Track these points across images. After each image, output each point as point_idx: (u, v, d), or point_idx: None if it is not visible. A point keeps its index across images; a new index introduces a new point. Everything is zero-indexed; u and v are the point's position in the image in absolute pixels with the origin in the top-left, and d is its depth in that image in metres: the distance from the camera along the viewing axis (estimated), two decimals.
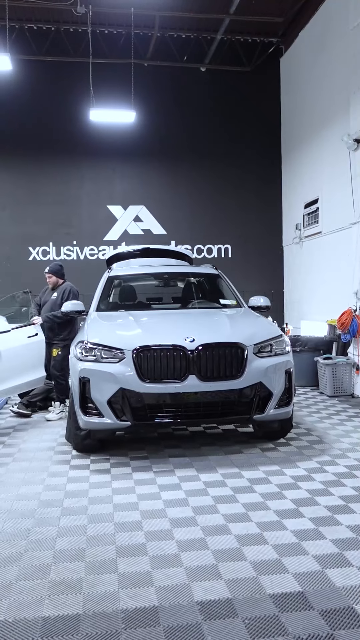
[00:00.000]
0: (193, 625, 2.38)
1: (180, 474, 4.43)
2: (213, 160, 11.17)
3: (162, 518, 3.56)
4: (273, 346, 4.96)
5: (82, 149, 10.73)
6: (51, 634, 2.34)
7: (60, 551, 3.12)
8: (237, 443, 5.33)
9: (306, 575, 2.78)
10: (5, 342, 5.98)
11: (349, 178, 8.09)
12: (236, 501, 3.82)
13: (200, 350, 4.65)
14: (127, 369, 4.63)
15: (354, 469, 4.47)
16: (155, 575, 2.82)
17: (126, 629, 2.37)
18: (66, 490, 4.14)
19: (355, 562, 2.90)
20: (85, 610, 2.51)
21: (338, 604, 2.52)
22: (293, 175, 10.81)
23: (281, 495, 3.93)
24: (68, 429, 5.31)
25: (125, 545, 3.17)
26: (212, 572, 2.84)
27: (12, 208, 10.75)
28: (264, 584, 2.70)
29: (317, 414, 6.61)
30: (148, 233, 11.14)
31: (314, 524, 3.41)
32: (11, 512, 3.71)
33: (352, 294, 7.94)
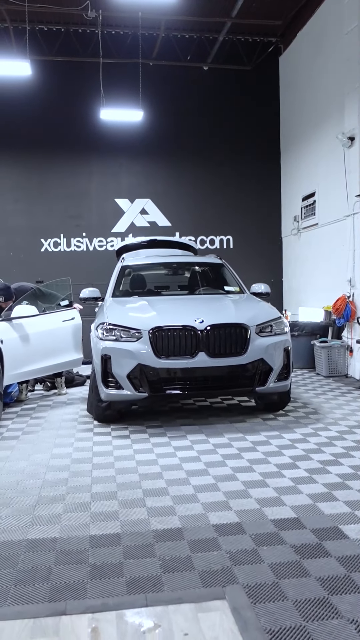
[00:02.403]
0: (210, 539, 3.00)
1: (192, 438, 5.05)
2: (215, 155, 11.72)
3: (179, 470, 4.18)
4: (273, 327, 5.57)
5: (90, 146, 11.28)
6: (99, 545, 2.96)
7: (95, 493, 3.74)
8: (241, 414, 5.95)
9: (301, 507, 3.41)
10: (35, 325, 6.57)
11: (343, 173, 8.66)
12: (241, 458, 4.44)
13: (208, 330, 5.27)
14: (144, 347, 5.25)
15: (344, 434, 5.09)
16: (177, 508, 3.44)
17: (157, 542, 2.99)
18: (93, 451, 4.76)
19: (341, 498, 3.53)
20: (123, 531, 3.13)
21: (325, 524, 3.14)
22: (291, 170, 11.38)
23: (280, 453, 4.55)
24: (89, 402, 5.94)
25: (150, 489, 3.79)
26: (223, 506, 3.46)
27: (25, 201, 11.32)
28: (266, 513, 3.33)
29: (313, 391, 7.24)
30: (154, 225, 11.72)
31: (308, 473, 4.04)
32: (50, 467, 4.33)
33: (346, 281, 8.54)
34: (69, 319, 7.19)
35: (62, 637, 2.19)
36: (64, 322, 7.11)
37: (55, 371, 7.15)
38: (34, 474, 4.17)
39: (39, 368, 6.70)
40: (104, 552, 2.88)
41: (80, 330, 7.30)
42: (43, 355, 6.70)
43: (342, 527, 3.10)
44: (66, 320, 7.15)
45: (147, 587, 2.54)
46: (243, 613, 2.31)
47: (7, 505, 3.56)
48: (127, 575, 2.64)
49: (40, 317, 6.83)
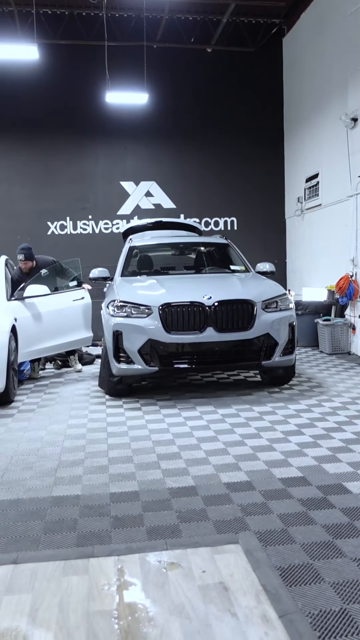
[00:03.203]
0: (222, 495, 3.22)
1: (201, 409, 5.27)
2: (219, 137, 11.82)
3: (190, 437, 4.40)
4: (278, 303, 5.76)
5: (96, 129, 11.38)
6: (119, 500, 3.18)
7: (112, 458, 3.96)
8: (247, 388, 6.16)
9: (306, 467, 3.63)
10: (47, 304, 6.77)
11: (346, 154, 8.78)
12: (249, 426, 4.66)
13: (216, 306, 5.46)
14: (154, 323, 5.45)
15: (347, 404, 5.30)
16: (190, 470, 3.66)
17: (173, 497, 3.21)
18: (107, 421, 4.99)
19: (344, 460, 3.75)
20: (141, 489, 3.35)
21: (330, 482, 3.36)
22: (295, 151, 11.49)
23: (286, 422, 4.76)
24: (101, 377, 6.16)
25: (164, 453, 4.02)
26: (233, 467, 3.68)
27: (31, 185, 11.45)
28: (274, 473, 3.55)
29: (316, 367, 7.45)
30: (159, 207, 11.85)
31: (313, 439, 4.25)
32: (67, 435, 4.55)
33: (349, 261, 8.70)
34: (79, 299, 7.39)
35: (91, 575, 2.41)
36: (74, 301, 7.31)
37: (66, 349, 7.36)
38: (52, 442, 4.39)
39: (50, 346, 6.91)
40: (124, 506, 3.11)
41: (90, 310, 7.50)
42: (54, 333, 6.91)
43: (346, 484, 3.31)
44: (76, 300, 7.35)
45: (166, 534, 2.76)
46: (255, 554, 2.53)
47: (30, 468, 3.79)
48: (147, 525, 2.87)
49: (52, 296, 7.03)
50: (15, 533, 2.82)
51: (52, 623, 2.08)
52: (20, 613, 2.15)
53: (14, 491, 3.38)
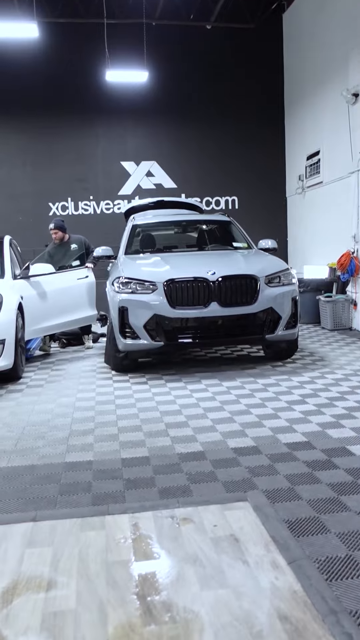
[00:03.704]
0: (230, 459, 3.33)
1: (206, 382, 5.38)
2: (220, 115, 11.79)
3: (197, 408, 4.51)
4: (281, 278, 5.84)
5: (96, 108, 11.35)
6: (130, 465, 3.30)
7: (122, 427, 4.07)
8: (251, 362, 6.26)
9: (311, 433, 3.74)
10: (52, 283, 6.86)
11: (347, 130, 8.79)
12: (254, 397, 4.77)
13: (220, 281, 5.54)
14: (159, 298, 5.53)
15: (349, 376, 5.41)
16: (198, 437, 3.77)
17: (182, 462, 3.32)
18: (115, 394, 5.10)
19: (347, 425, 3.86)
20: (151, 455, 3.46)
21: (334, 445, 3.47)
22: (295, 129, 11.47)
23: (290, 392, 4.87)
24: (107, 353, 6.26)
25: (171, 422, 4.13)
26: (240, 434, 3.79)
27: (32, 166, 11.46)
28: (280, 439, 3.66)
29: (319, 342, 7.55)
30: (159, 187, 11.87)
31: (317, 407, 4.36)
32: (76, 408, 4.66)
33: (350, 237, 8.76)
34: (83, 277, 7.47)
35: (108, 530, 2.53)
36: (78, 280, 7.39)
37: (71, 327, 7.47)
38: (63, 413, 4.50)
39: (56, 324, 7.01)
40: (135, 470, 3.22)
41: (94, 288, 7.58)
42: (60, 311, 7.01)
43: (349, 447, 3.43)
44: (80, 279, 7.43)
45: (177, 494, 2.87)
46: (264, 509, 2.65)
47: (42, 437, 3.90)
48: (158, 486, 2.98)
49: (56, 275, 7.11)
50: (32, 495, 2.94)
51: (74, 571, 2.20)
52: (42, 563, 2.26)
53: (28, 458, 3.49)
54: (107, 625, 1.86)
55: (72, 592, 2.06)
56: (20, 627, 1.87)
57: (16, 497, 2.92)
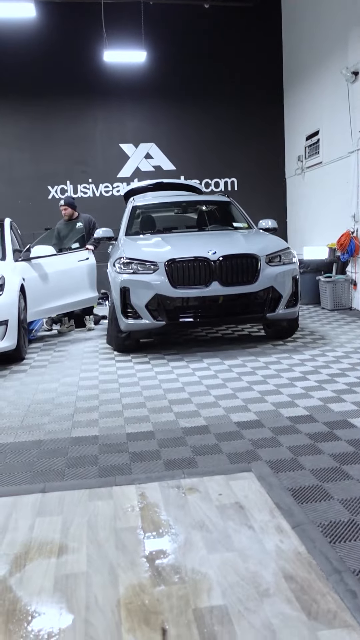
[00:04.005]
0: (234, 432, 3.39)
1: (208, 361, 5.43)
2: (219, 96, 11.72)
3: (199, 385, 4.56)
4: (282, 257, 5.87)
5: (94, 90, 11.27)
6: (135, 439, 3.35)
7: (126, 404, 4.12)
8: (252, 342, 6.31)
9: (313, 407, 3.79)
10: (53, 265, 6.88)
11: (347, 109, 8.75)
12: (256, 374, 4.82)
13: (221, 261, 5.57)
14: (160, 278, 5.56)
15: (350, 353, 5.45)
16: (201, 412, 3.82)
17: (187, 435, 3.38)
18: (118, 373, 5.15)
19: (349, 400, 3.91)
20: (156, 429, 3.52)
21: (335, 418, 3.53)
22: (295, 109, 11.41)
23: (291, 370, 4.92)
24: (109, 334, 6.30)
25: (175, 399, 4.18)
26: (243, 409, 3.85)
27: (30, 149, 11.41)
28: (282, 413, 3.71)
29: (319, 322, 7.59)
30: (158, 169, 11.83)
31: (318, 383, 4.41)
32: (80, 386, 4.71)
33: (350, 217, 8.76)
34: (84, 259, 7.49)
35: (115, 500, 2.58)
36: (79, 262, 7.41)
37: (72, 309, 7.50)
38: (67, 392, 4.55)
39: (58, 305, 7.05)
40: (141, 443, 3.28)
41: (94, 270, 7.60)
42: (61, 293, 7.03)
43: (351, 420, 3.48)
44: (81, 260, 7.44)
45: (182, 466, 2.93)
46: (268, 479, 2.71)
47: (47, 414, 3.96)
48: (164, 458, 3.04)
49: (57, 257, 7.13)
50: (40, 468, 2.99)
51: (84, 537, 2.26)
52: (53, 531, 2.32)
53: (34, 434, 3.55)
54: (118, 586, 1.92)
55: (83, 556, 2.12)
56: (34, 588, 1.93)
57: (24, 470, 2.97)
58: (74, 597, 1.87)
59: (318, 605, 1.77)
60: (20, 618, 1.77)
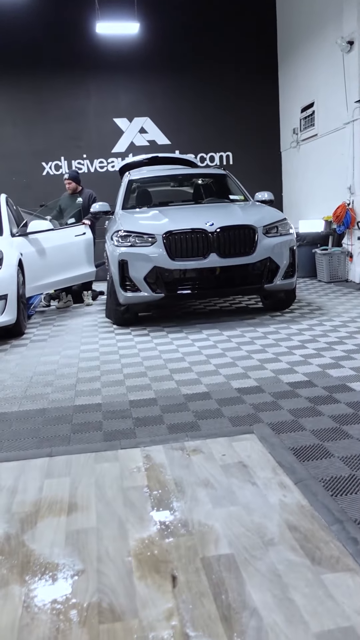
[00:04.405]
0: (235, 397, 3.45)
1: (207, 332, 5.48)
2: (213, 69, 11.58)
3: (199, 355, 4.61)
4: (279, 228, 5.88)
5: (87, 63, 11.12)
6: (138, 406, 3.41)
7: (127, 374, 4.17)
8: (250, 313, 6.35)
9: (311, 373, 3.85)
10: (50, 240, 6.87)
11: (342, 80, 8.68)
12: (254, 344, 4.87)
13: (218, 232, 5.58)
14: (158, 250, 5.58)
15: (347, 322, 5.51)
16: (202, 379, 3.88)
17: (189, 401, 3.43)
18: (118, 345, 5.19)
19: (347, 366, 3.97)
20: (158, 396, 3.57)
21: (334, 383, 3.59)
22: (289, 82, 11.30)
23: (289, 339, 4.98)
24: (108, 307, 6.33)
25: (175, 368, 4.23)
26: (243, 376, 3.90)
27: (23, 125, 11.29)
28: (282, 379, 3.77)
29: (316, 294, 7.63)
30: (153, 144, 11.74)
31: (316, 351, 4.47)
32: (81, 358, 4.76)
33: (345, 189, 8.75)
34: (81, 234, 7.48)
35: (121, 462, 2.64)
36: (76, 237, 7.40)
37: (70, 284, 7.51)
38: (68, 364, 4.60)
39: (55, 281, 7.06)
40: (144, 410, 3.33)
41: (92, 245, 7.60)
42: (59, 268, 7.04)
43: (349, 384, 3.55)
44: (78, 235, 7.44)
45: (186, 429, 2.99)
46: (269, 440, 2.77)
47: (50, 385, 4.01)
48: (167, 423, 3.10)
49: (54, 232, 7.11)
50: (45, 434, 3.05)
51: (92, 496, 2.32)
52: (62, 490, 2.38)
53: (38, 403, 3.60)
54: (128, 539, 1.99)
55: (92, 513, 2.18)
56: (46, 543, 1.99)
57: (30, 436, 3.03)
58: (86, 550, 1.93)
59: (321, 552, 1.84)
60: (35, 569, 1.84)
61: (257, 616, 1.55)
